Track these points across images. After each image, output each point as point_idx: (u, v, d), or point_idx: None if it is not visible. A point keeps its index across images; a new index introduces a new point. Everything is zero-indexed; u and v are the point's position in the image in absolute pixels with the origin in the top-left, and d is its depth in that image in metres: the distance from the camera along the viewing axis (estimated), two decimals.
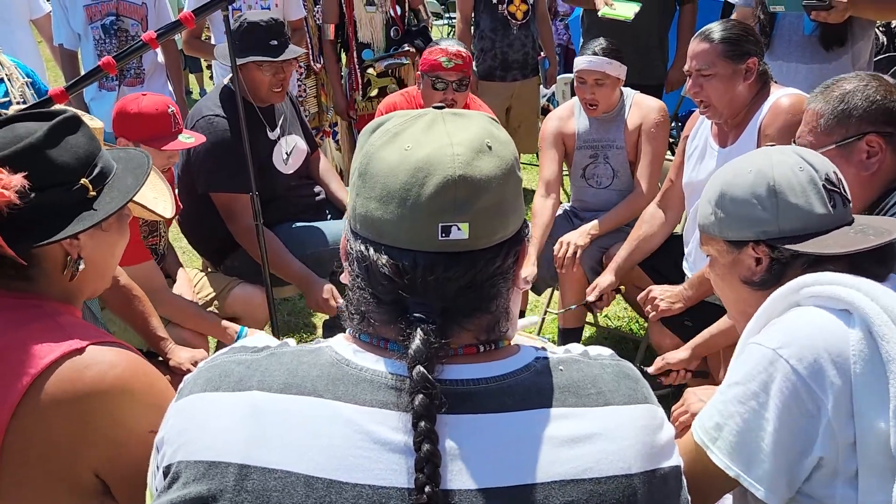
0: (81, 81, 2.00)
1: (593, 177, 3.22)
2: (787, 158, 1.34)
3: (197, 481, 0.83)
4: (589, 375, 0.90)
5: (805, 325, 1.20)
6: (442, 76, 3.07)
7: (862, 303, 1.17)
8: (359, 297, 0.90)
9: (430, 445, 0.80)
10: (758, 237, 1.34)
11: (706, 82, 2.39)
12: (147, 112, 2.48)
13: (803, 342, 1.17)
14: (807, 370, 1.15)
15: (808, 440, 1.16)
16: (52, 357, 1.15)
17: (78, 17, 3.90)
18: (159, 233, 2.69)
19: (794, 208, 1.31)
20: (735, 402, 1.20)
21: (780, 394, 1.16)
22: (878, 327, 1.14)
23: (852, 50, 3.20)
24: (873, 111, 1.69)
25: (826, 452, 1.15)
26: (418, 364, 0.82)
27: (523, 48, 4.41)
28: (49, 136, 1.24)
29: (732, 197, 1.36)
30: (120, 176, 1.35)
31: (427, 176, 0.84)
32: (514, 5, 4.34)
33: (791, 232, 1.31)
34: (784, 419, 1.16)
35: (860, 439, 1.14)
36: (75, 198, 1.26)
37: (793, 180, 1.31)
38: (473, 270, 0.86)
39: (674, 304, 2.56)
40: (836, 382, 1.14)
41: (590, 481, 0.83)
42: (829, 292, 1.21)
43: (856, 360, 1.14)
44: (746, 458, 1.18)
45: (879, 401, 1.13)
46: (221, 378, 0.90)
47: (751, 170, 1.35)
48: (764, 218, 1.33)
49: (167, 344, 2.32)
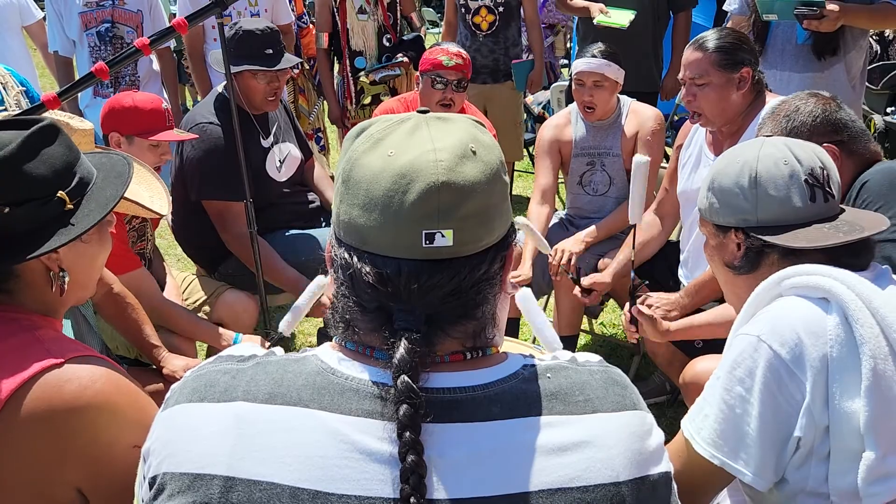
0: (74, 87, 1.99)
1: (590, 184, 3.22)
2: (774, 152, 1.40)
3: (182, 493, 0.83)
4: (577, 382, 0.90)
5: (786, 312, 1.26)
6: (442, 74, 3.08)
7: (838, 290, 1.23)
8: (343, 305, 0.90)
9: (414, 456, 0.79)
10: (738, 224, 1.42)
11: (699, 91, 2.40)
12: (142, 105, 2.48)
13: (785, 328, 1.23)
14: (788, 354, 1.21)
15: (790, 423, 1.20)
16: (29, 373, 1.12)
17: (73, 24, 3.91)
18: (146, 237, 2.68)
19: (773, 200, 1.37)
20: (721, 389, 1.25)
21: (764, 378, 1.21)
22: (853, 311, 1.21)
23: (845, 59, 3.22)
24: (819, 125, 1.83)
25: (804, 433, 1.20)
26: (403, 374, 0.82)
27: (492, 54, 4.47)
28: (23, 148, 1.20)
29: (720, 185, 1.44)
30: (100, 185, 1.31)
31: (410, 182, 0.83)
32: (479, 16, 4.42)
33: (768, 222, 1.38)
34: (768, 403, 1.20)
35: (834, 422, 1.19)
36: (53, 211, 1.22)
37: (775, 173, 1.38)
38: (458, 277, 0.85)
39: (670, 312, 2.55)
40: (815, 366, 1.20)
41: (578, 490, 0.82)
42: (808, 282, 1.27)
43: (833, 344, 1.20)
44: (733, 444, 1.22)
45: (853, 383, 1.18)
46: (207, 388, 0.89)
47: (739, 160, 1.42)
48: (744, 207, 1.40)
49: (160, 352, 2.31)
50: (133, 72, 4.03)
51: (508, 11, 4.40)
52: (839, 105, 1.87)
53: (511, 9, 4.41)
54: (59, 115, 1.93)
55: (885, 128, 6.22)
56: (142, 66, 4.06)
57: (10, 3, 4.24)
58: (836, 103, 1.86)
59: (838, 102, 1.87)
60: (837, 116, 1.84)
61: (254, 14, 4.01)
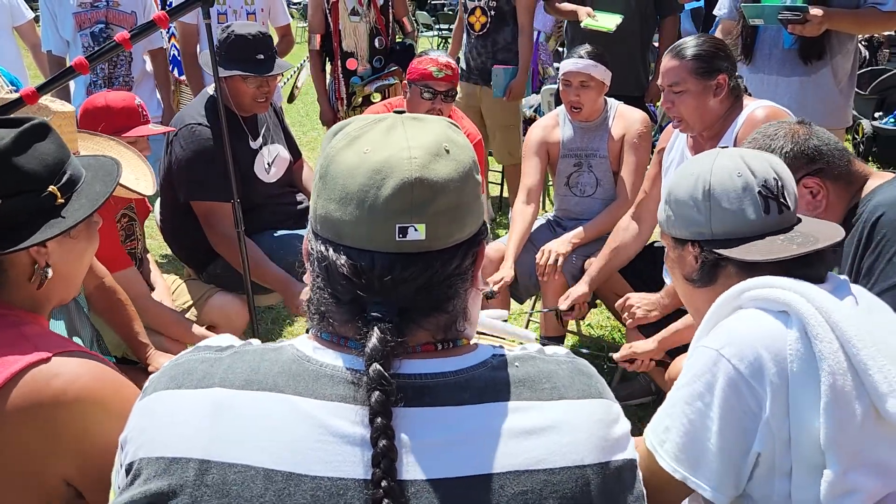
0: (54, 82, 1.98)
1: (577, 185, 3.26)
2: (728, 163, 1.39)
3: (158, 477, 0.85)
4: (544, 371, 0.93)
5: (745, 326, 1.25)
6: (431, 85, 3.10)
7: (797, 303, 1.22)
8: (319, 297, 0.92)
9: (386, 441, 0.82)
10: (693, 237, 1.41)
11: (677, 98, 2.43)
12: (114, 104, 2.53)
13: (744, 342, 1.22)
14: (748, 369, 1.20)
15: (749, 438, 1.19)
16: (15, 368, 1.14)
17: (67, 24, 3.93)
18: (136, 236, 2.70)
19: (726, 212, 1.37)
20: (682, 403, 1.24)
21: (723, 393, 1.20)
22: (812, 327, 1.19)
23: (831, 63, 3.24)
24: (793, 160, 1.73)
25: (764, 448, 1.19)
26: (375, 361, 0.84)
27: (480, 56, 4.54)
28: (16, 142, 1.23)
29: (676, 197, 1.43)
30: (89, 183, 1.34)
31: (384, 178, 0.86)
32: (474, 17, 4.50)
33: (722, 235, 1.38)
34: (727, 418, 1.19)
35: (794, 436, 1.18)
36: (43, 205, 1.25)
37: (728, 186, 1.37)
38: (430, 271, 0.88)
39: (650, 312, 2.58)
40: (774, 381, 1.18)
41: (543, 472, 0.85)
42: (768, 295, 1.26)
43: (792, 358, 1.19)
44: (693, 459, 1.21)
45: (813, 398, 1.17)
46: (184, 376, 0.92)
47: (693, 173, 1.41)
48: (698, 220, 1.39)
49: (148, 350, 2.32)
50: (127, 72, 4.04)
51: (500, 16, 4.43)
52: (809, 130, 1.78)
53: (503, 13, 4.43)
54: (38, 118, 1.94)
55: (874, 132, 6.28)
56: (136, 67, 4.08)
57: (1, 3, 4.25)
58: (805, 129, 1.78)
59: (807, 126, 1.79)
60: (810, 145, 1.76)
61: (250, 13, 4.03)
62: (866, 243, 1.72)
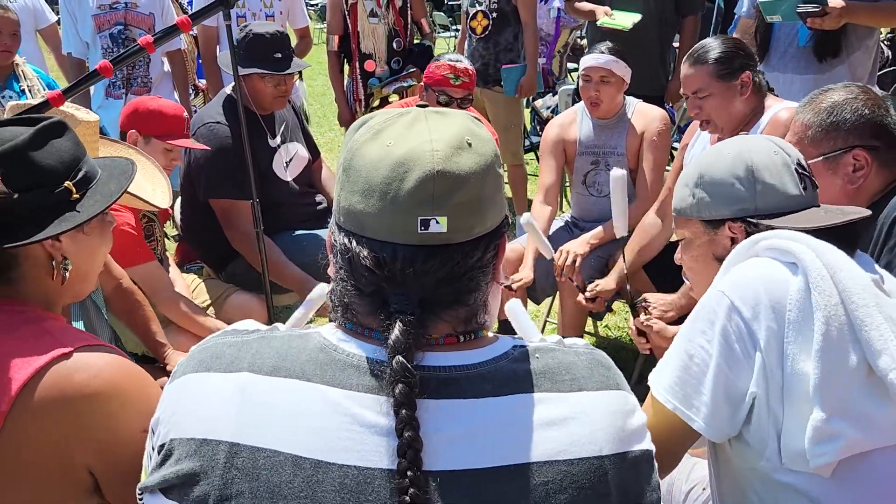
0: (79, 85, 2.01)
1: (594, 184, 3.24)
2: (763, 143, 1.43)
3: (189, 458, 0.86)
4: (564, 363, 0.93)
5: (753, 272, 1.29)
6: (448, 91, 3.10)
7: (806, 256, 1.25)
8: (342, 288, 0.93)
9: (411, 432, 0.82)
10: (735, 215, 1.43)
11: (704, 103, 2.43)
12: (165, 110, 2.61)
13: (748, 286, 1.26)
14: (749, 311, 1.24)
15: (745, 377, 1.23)
16: (40, 363, 1.15)
17: (87, 26, 3.97)
18: (155, 237, 2.72)
19: (770, 188, 1.39)
20: (684, 339, 1.29)
21: (723, 331, 1.25)
22: (814, 278, 1.22)
23: (849, 60, 3.21)
24: (861, 125, 1.72)
25: (758, 389, 1.22)
26: (398, 354, 0.85)
27: (482, 59, 4.53)
28: (34, 138, 1.26)
29: (712, 178, 1.44)
30: (104, 181, 1.36)
31: (407, 171, 0.87)
32: (475, 21, 4.50)
33: (766, 210, 1.40)
34: (725, 354, 1.24)
35: (787, 383, 1.21)
36: (58, 200, 1.27)
37: (768, 162, 1.40)
38: (451, 263, 0.89)
39: (666, 313, 2.57)
40: (772, 326, 1.23)
41: (563, 462, 0.85)
42: (780, 245, 1.29)
43: (791, 307, 1.23)
44: (688, 390, 1.26)
45: (807, 346, 1.20)
46: (213, 359, 0.93)
47: (729, 152, 1.44)
48: (742, 196, 1.41)
49: (166, 349, 2.35)
50: (145, 73, 4.08)
51: (503, 17, 4.43)
52: (888, 109, 1.75)
53: (505, 15, 4.42)
54: (66, 106, 1.96)
55: None
56: (154, 69, 4.12)
57: (25, 6, 4.30)
58: (885, 106, 1.75)
59: (887, 105, 1.76)
60: (884, 121, 1.73)
61: (269, 16, 4.06)
62: (885, 240, 1.72)
